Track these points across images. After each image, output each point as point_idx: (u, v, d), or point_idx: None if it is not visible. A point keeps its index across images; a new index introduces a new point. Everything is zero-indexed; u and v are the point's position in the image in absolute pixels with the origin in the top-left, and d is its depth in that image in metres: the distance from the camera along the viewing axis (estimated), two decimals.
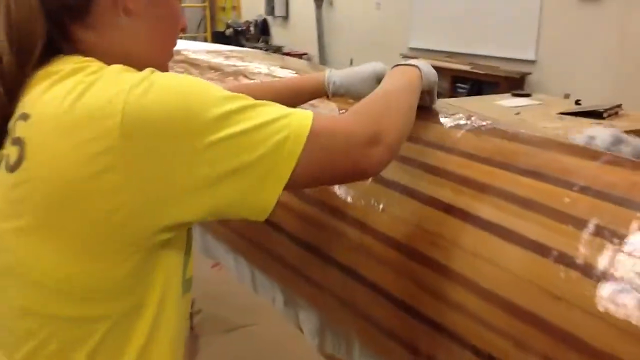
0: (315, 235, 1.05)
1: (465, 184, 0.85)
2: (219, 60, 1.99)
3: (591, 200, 0.72)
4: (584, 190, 0.74)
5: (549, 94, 4.61)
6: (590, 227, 0.69)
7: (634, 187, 0.72)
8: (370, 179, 0.96)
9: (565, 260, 0.69)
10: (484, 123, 0.96)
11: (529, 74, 5.59)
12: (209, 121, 0.60)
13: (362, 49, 7.65)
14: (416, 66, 0.89)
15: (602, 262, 0.66)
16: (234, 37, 9.46)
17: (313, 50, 8.50)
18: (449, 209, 0.84)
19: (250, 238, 1.27)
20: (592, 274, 0.66)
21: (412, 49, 6.93)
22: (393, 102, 0.76)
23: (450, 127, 0.98)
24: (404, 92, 0.81)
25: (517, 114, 3.52)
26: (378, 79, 0.99)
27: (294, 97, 1.03)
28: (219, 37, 9.20)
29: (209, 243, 1.49)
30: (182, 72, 1.68)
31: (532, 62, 5.61)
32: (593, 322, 0.64)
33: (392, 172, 0.93)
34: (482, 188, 0.83)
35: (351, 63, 7.95)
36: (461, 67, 6.02)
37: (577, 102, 3.87)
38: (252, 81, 1.47)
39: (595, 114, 3.39)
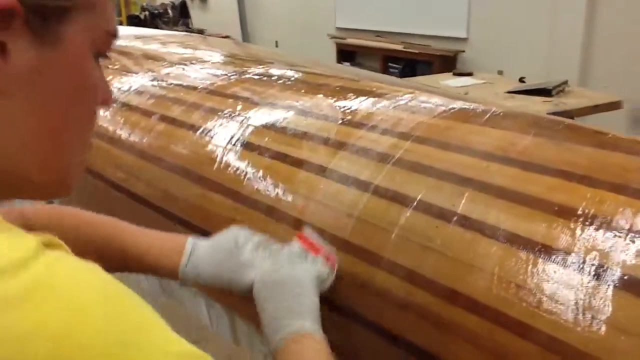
0: None
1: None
2: (154, 47, 1.65)
3: None
4: None
5: (482, 71, 4.53)
6: None
7: None
8: None
9: None
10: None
11: (462, 51, 5.51)
12: None
13: (288, 30, 7.34)
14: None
15: None
16: (151, 20, 8.84)
17: (236, 33, 8.09)
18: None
19: None
20: None
21: (339, 29, 6.70)
22: None
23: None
24: None
25: (466, 93, 3.38)
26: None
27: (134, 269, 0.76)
28: (133, 21, 8.55)
29: None
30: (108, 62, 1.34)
31: (464, 39, 5.53)
32: None
33: None
34: None
35: (276, 45, 7.63)
36: (393, 47, 5.86)
37: (522, 80, 3.79)
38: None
39: (544, 92, 3.30)
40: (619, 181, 0.63)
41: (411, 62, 5.79)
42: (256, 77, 1.18)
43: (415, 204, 0.72)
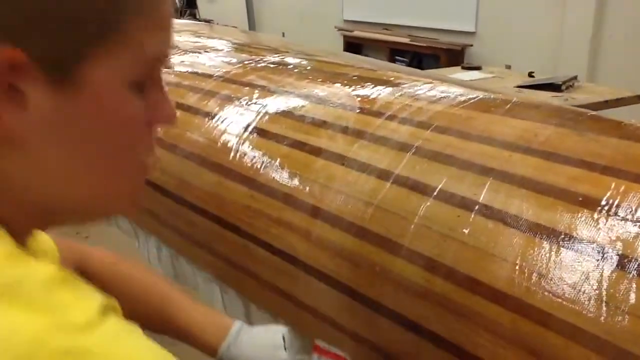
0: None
1: None
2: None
3: None
4: None
5: (490, 65, 4.51)
6: None
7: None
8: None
9: None
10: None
11: (470, 45, 5.48)
12: None
13: (294, 22, 7.32)
14: None
15: None
16: None
17: (243, 24, 8.07)
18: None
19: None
20: None
21: (347, 21, 6.68)
22: None
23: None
24: None
25: None
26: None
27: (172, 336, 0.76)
28: None
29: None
30: None
31: (472, 33, 5.50)
32: None
33: None
34: None
35: (283, 37, 7.61)
36: (400, 40, 5.83)
37: (530, 74, 3.77)
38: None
39: (553, 87, 3.28)
40: None
41: (418, 55, 5.77)
42: (272, 65, 1.17)
43: (436, 193, 0.71)
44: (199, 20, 8.22)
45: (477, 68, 4.06)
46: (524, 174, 0.68)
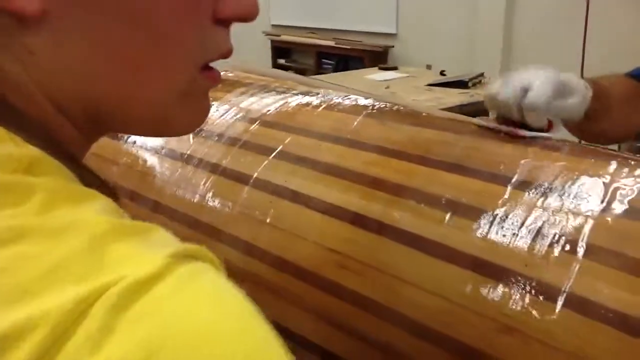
0: None
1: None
2: None
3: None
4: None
5: (412, 65, 4.67)
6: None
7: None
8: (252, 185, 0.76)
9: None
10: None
11: (392, 47, 5.65)
12: None
13: None
14: None
15: None
16: None
17: None
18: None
19: None
20: None
21: (275, 26, 6.74)
22: None
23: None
24: None
25: (387, 87, 3.49)
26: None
27: None
28: None
29: None
30: None
31: (394, 35, 5.67)
32: None
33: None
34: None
35: None
36: (326, 43, 5.94)
37: (442, 73, 3.94)
38: None
39: (460, 84, 3.44)
40: (424, 154, 0.70)
41: (344, 58, 5.89)
42: None
43: (252, 181, 0.77)
44: None
45: (394, 68, 4.20)
46: (329, 161, 0.75)
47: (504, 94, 0.70)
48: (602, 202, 0.56)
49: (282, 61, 6.60)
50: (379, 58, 5.41)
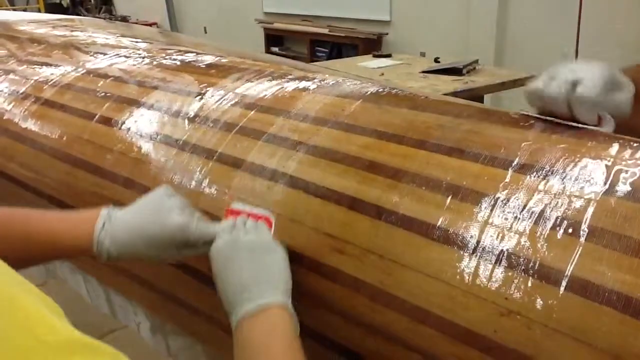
0: None
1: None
2: (43, 31, 1.63)
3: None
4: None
5: (406, 53, 4.65)
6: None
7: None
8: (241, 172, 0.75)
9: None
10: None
11: (386, 34, 5.61)
12: None
13: (216, 16, 7.25)
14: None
15: None
16: (72, 8, 8.56)
17: (163, 20, 7.93)
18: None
19: None
20: None
21: (267, 13, 6.68)
22: None
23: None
24: None
25: (382, 74, 3.47)
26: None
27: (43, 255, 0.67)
28: (54, 9, 8.25)
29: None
30: None
31: (388, 22, 5.63)
32: None
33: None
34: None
35: (205, 31, 7.53)
36: (320, 30, 5.90)
37: (436, 60, 3.91)
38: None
39: (455, 71, 3.42)
40: (422, 137, 0.69)
41: (338, 45, 5.85)
42: (141, 59, 1.19)
43: (249, 166, 0.76)
44: (115, 17, 8.02)
45: (388, 56, 4.17)
46: (325, 145, 0.74)
47: (552, 88, 0.66)
48: (604, 184, 0.55)
49: (275, 49, 6.55)
50: (373, 45, 5.38)
